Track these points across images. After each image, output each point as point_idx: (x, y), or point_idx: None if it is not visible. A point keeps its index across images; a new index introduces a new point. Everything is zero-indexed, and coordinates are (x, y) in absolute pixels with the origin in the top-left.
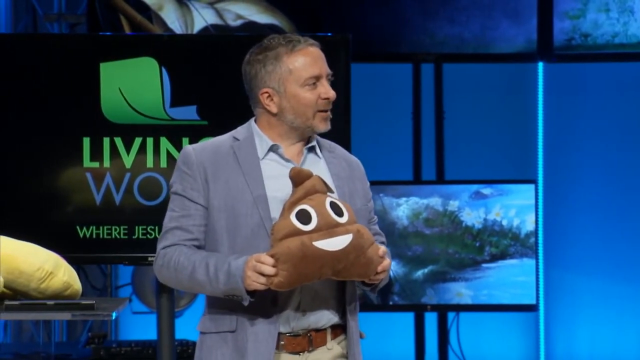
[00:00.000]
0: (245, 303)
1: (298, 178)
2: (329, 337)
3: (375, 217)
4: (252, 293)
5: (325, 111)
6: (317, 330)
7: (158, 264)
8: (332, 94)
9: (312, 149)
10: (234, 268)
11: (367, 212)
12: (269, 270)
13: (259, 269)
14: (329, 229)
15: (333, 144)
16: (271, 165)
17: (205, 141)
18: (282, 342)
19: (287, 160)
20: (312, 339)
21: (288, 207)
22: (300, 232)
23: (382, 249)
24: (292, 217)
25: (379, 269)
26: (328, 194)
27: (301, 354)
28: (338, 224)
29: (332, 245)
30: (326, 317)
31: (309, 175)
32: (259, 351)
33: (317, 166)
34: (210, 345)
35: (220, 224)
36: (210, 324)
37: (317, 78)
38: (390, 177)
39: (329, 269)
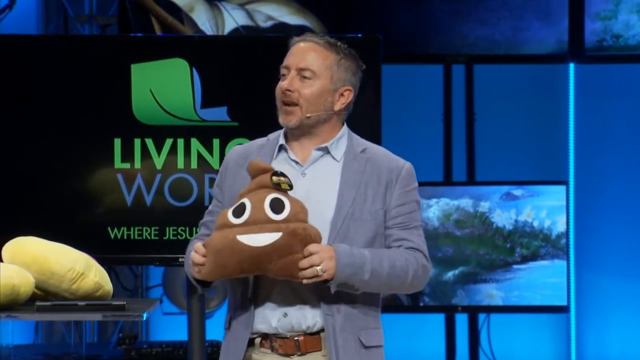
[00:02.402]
0: (200, 291)
1: (253, 171)
2: (323, 342)
3: (412, 224)
4: (206, 282)
5: (285, 104)
6: (307, 333)
7: None
8: (285, 84)
9: (326, 152)
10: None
11: (379, 215)
12: (197, 259)
13: (191, 257)
14: (258, 224)
15: (375, 147)
16: (280, 165)
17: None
18: (274, 344)
19: (295, 161)
20: (299, 343)
21: (237, 199)
22: (230, 225)
23: (306, 250)
24: (230, 210)
25: (299, 264)
26: (274, 192)
27: (291, 357)
28: (270, 221)
29: (255, 241)
30: (312, 320)
31: (264, 169)
32: (236, 350)
33: (325, 169)
34: (222, 342)
35: None
36: (224, 321)
37: (287, 69)
38: (420, 178)
39: (251, 265)
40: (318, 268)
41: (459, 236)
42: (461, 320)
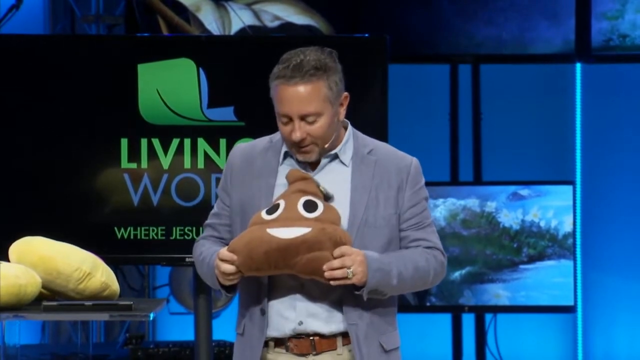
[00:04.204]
0: (224, 296)
1: (292, 179)
2: (339, 343)
3: (425, 222)
4: (232, 287)
5: (302, 146)
6: (324, 336)
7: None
8: (297, 136)
9: (335, 157)
10: (212, 267)
11: (393, 220)
12: (229, 269)
13: (220, 269)
14: (289, 220)
15: (381, 146)
16: (287, 171)
17: (253, 140)
18: (289, 344)
19: (303, 167)
20: (315, 343)
21: (272, 203)
22: (262, 222)
23: (337, 250)
24: (264, 210)
25: (324, 267)
26: (310, 196)
27: (307, 356)
28: (302, 218)
29: (284, 233)
30: (328, 328)
31: (303, 177)
32: (252, 354)
33: (335, 175)
34: (235, 345)
35: (235, 226)
36: (236, 324)
37: (287, 117)
38: (427, 178)
39: (278, 258)
40: (349, 270)
41: (466, 236)
42: (468, 320)
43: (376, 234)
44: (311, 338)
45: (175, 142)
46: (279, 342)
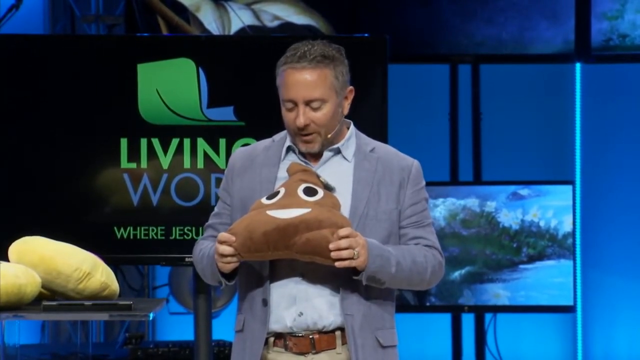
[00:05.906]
0: (222, 286)
1: (293, 171)
2: (338, 341)
3: (425, 221)
4: (232, 274)
5: (305, 134)
6: (322, 332)
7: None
8: (301, 122)
9: (337, 152)
10: (212, 258)
11: (394, 214)
12: (227, 250)
13: (219, 250)
14: (289, 204)
15: (382, 146)
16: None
17: (254, 142)
18: (288, 343)
19: (305, 162)
20: (314, 341)
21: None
22: (262, 206)
23: (343, 230)
24: (265, 197)
25: (331, 246)
26: (311, 184)
27: (306, 355)
28: (302, 201)
29: (282, 214)
30: (328, 319)
31: (303, 169)
32: (252, 351)
33: (337, 169)
34: (233, 344)
35: None
36: (235, 323)
37: (292, 102)
38: (427, 177)
39: (277, 237)
40: (355, 251)
41: (466, 236)
42: (467, 320)
43: (377, 227)
44: (310, 336)
45: (174, 142)
46: (279, 337)
